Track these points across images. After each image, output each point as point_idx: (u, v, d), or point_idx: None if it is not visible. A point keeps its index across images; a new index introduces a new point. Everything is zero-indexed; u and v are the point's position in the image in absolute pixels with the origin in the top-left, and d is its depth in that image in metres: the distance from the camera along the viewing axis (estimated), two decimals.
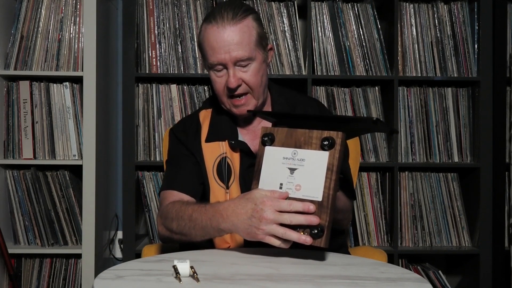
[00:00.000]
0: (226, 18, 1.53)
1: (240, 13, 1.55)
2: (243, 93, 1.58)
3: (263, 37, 1.60)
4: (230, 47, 1.52)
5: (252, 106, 1.60)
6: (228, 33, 1.52)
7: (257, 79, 1.57)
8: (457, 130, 2.65)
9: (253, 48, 1.55)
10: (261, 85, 1.59)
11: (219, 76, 1.58)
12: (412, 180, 2.65)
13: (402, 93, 2.63)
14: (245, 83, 1.57)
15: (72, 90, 2.53)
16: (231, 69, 1.54)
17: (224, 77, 1.56)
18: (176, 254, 1.40)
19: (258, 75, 1.57)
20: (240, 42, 1.53)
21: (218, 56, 1.53)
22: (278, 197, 1.27)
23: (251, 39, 1.55)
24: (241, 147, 1.61)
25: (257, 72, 1.57)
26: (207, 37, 1.55)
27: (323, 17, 2.61)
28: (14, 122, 2.52)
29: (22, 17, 2.52)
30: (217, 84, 1.59)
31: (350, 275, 1.19)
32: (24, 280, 2.55)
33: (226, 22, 1.53)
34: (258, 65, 1.58)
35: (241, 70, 1.55)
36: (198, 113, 1.73)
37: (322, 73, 2.59)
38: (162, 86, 2.63)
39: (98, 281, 1.12)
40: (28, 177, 2.51)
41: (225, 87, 1.57)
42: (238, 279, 1.13)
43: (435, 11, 2.64)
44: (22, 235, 2.53)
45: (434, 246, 2.65)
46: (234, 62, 1.54)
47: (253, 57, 1.56)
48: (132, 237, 2.55)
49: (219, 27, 1.53)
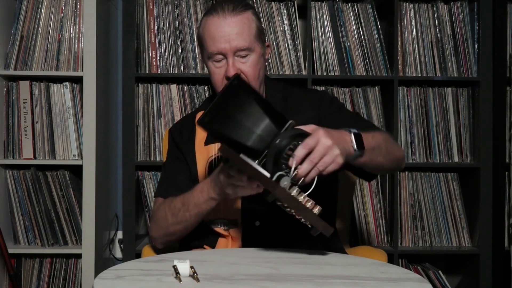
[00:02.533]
0: (227, 10, 1.56)
1: (241, 6, 1.59)
2: None
3: (261, 31, 1.63)
4: (230, 36, 1.55)
5: None
6: (228, 23, 1.55)
7: (255, 71, 1.59)
8: (457, 130, 2.65)
9: (253, 40, 1.58)
10: (258, 78, 1.61)
11: (217, 66, 1.59)
12: (412, 180, 2.65)
13: (402, 93, 2.63)
14: (244, 74, 1.58)
15: (72, 90, 2.53)
16: (230, 59, 1.56)
17: (223, 67, 1.58)
18: (176, 254, 1.40)
19: (256, 68, 1.59)
20: (240, 32, 1.56)
21: (218, 45, 1.55)
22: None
23: (251, 30, 1.58)
24: None
25: (255, 64, 1.59)
26: (208, 28, 1.58)
27: (323, 17, 2.61)
28: (14, 122, 2.52)
29: (22, 17, 2.52)
30: (216, 75, 1.60)
31: (350, 275, 1.19)
32: (24, 280, 2.55)
33: (226, 13, 1.56)
34: (257, 58, 1.60)
35: (240, 61, 1.57)
36: (196, 114, 1.74)
37: (322, 73, 2.59)
38: (162, 86, 2.63)
39: (98, 281, 1.12)
40: (28, 177, 2.51)
41: (223, 78, 1.58)
42: (238, 279, 1.13)
43: (435, 11, 2.64)
44: (22, 235, 2.53)
45: (434, 246, 2.65)
46: (233, 51, 1.56)
47: (252, 48, 1.58)
48: (132, 237, 2.55)
49: (219, 17, 1.56)
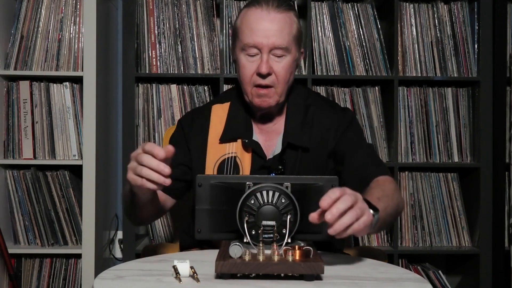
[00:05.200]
0: (271, 5, 1.52)
1: (285, 5, 1.54)
2: (269, 85, 1.54)
3: (301, 35, 1.58)
4: (270, 31, 1.50)
5: (274, 101, 1.55)
6: (271, 18, 1.51)
7: (286, 74, 1.54)
8: (457, 130, 2.65)
9: (291, 41, 1.53)
10: (287, 83, 1.56)
11: (250, 60, 1.53)
12: (412, 180, 2.65)
13: (402, 93, 2.63)
14: (274, 75, 1.53)
15: (72, 90, 2.53)
16: (265, 55, 1.51)
17: (255, 63, 1.52)
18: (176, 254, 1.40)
19: (288, 71, 1.54)
20: (281, 30, 1.51)
21: (256, 39, 1.50)
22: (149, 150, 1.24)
23: (291, 31, 1.53)
24: (254, 147, 1.57)
25: (288, 67, 1.54)
26: (247, 18, 1.53)
27: (323, 17, 2.61)
28: (14, 122, 2.52)
29: (22, 17, 2.52)
30: (246, 69, 1.54)
31: (350, 275, 1.19)
32: (24, 280, 2.55)
33: (270, 7, 1.51)
34: (291, 61, 1.55)
35: (275, 60, 1.52)
36: (211, 107, 1.67)
37: (322, 73, 2.59)
38: (162, 86, 2.62)
39: (98, 281, 1.12)
40: (28, 177, 2.51)
41: (254, 74, 1.53)
42: (238, 279, 1.13)
43: (435, 11, 2.64)
44: (22, 235, 2.53)
45: (434, 246, 2.65)
46: (270, 48, 1.51)
47: (289, 49, 1.53)
48: (132, 237, 2.55)
49: (263, 10, 1.51)
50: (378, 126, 2.63)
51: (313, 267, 1.12)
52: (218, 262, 1.12)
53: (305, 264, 1.12)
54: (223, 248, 1.21)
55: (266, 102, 1.55)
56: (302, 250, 1.15)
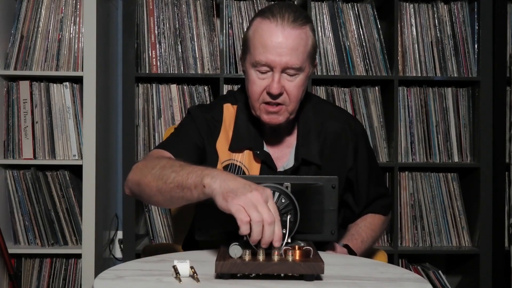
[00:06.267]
0: (287, 20, 1.42)
1: (302, 18, 1.45)
2: (279, 103, 1.47)
3: (315, 50, 1.50)
4: (284, 50, 1.41)
5: (284, 118, 1.49)
6: (286, 35, 1.42)
7: (298, 93, 1.47)
8: (457, 130, 2.65)
9: (305, 59, 1.45)
10: (299, 100, 1.49)
11: (260, 78, 1.46)
12: (412, 180, 2.65)
13: (402, 93, 2.63)
14: (286, 93, 1.46)
15: (72, 90, 2.53)
16: (277, 74, 1.43)
17: (266, 80, 1.45)
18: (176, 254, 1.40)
19: (300, 89, 1.47)
20: (295, 49, 1.42)
21: (269, 57, 1.42)
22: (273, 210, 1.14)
23: (306, 48, 1.45)
24: (265, 159, 1.53)
25: (301, 85, 1.47)
26: (261, 33, 1.44)
27: (323, 17, 2.61)
28: (14, 122, 2.52)
29: (22, 17, 2.52)
30: (255, 86, 1.47)
31: (350, 275, 1.19)
32: (24, 280, 2.55)
33: (286, 23, 1.42)
34: (304, 78, 1.47)
35: (287, 79, 1.45)
36: (223, 105, 1.61)
37: (322, 73, 2.59)
38: (162, 86, 2.63)
39: (98, 281, 1.12)
40: (28, 177, 2.51)
41: (263, 92, 1.46)
42: (238, 279, 1.13)
43: (435, 11, 2.64)
44: (22, 235, 2.53)
45: (434, 246, 2.65)
46: (283, 67, 1.43)
47: (303, 68, 1.45)
48: (132, 237, 2.55)
49: (277, 26, 1.42)
50: (378, 126, 2.63)
51: (313, 267, 1.12)
52: (218, 262, 1.12)
53: (305, 264, 1.12)
54: (223, 248, 1.21)
55: (276, 120, 1.49)
56: (302, 250, 1.15)
